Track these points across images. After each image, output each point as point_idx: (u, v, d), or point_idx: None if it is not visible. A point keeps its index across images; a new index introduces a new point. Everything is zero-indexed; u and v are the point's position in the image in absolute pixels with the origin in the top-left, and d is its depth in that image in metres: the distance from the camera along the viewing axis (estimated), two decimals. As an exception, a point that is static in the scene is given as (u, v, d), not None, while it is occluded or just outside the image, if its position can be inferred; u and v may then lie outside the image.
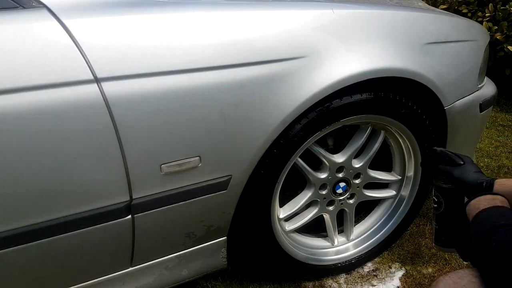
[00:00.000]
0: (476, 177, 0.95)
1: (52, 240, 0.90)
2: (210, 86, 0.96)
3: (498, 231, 0.69)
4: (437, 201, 1.01)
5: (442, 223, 1.02)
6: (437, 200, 1.01)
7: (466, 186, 0.96)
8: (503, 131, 2.72)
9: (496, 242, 0.68)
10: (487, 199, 0.79)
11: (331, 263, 1.45)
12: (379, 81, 1.19)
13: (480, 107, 1.51)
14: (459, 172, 0.98)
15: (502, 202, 0.77)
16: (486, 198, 0.79)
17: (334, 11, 1.12)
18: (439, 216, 1.02)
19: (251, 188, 1.14)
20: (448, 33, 1.34)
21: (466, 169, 0.98)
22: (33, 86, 0.80)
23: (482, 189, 0.91)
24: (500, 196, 0.79)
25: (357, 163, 1.36)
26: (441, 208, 1.01)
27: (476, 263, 0.78)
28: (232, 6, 1.04)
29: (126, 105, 0.88)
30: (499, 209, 0.75)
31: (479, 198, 0.81)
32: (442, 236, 1.02)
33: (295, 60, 1.05)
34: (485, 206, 0.76)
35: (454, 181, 0.99)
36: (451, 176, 0.98)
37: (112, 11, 0.91)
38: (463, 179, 0.96)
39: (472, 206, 0.80)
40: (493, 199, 0.78)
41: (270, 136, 1.07)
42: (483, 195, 0.81)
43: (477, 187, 0.93)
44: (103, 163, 0.90)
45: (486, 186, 0.91)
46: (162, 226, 1.05)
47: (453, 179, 0.97)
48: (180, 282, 1.19)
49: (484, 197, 0.80)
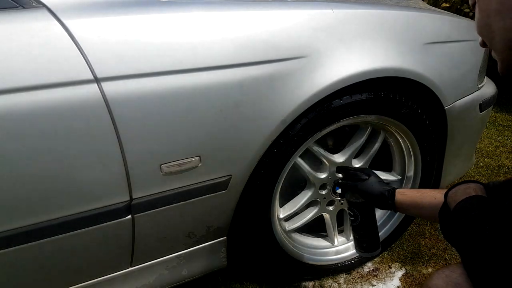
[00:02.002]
0: (378, 189, 1.05)
1: (52, 240, 0.90)
2: (210, 86, 0.96)
3: (469, 222, 0.72)
4: (353, 214, 1.14)
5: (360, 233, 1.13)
6: (353, 214, 1.14)
7: (372, 198, 1.06)
8: (503, 131, 2.72)
9: (468, 233, 0.71)
10: (461, 189, 0.82)
11: (331, 263, 1.45)
12: (379, 81, 1.19)
13: (480, 107, 1.51)
14: (363, 186, 1.08)
15: (475, 190, 0.81)
16: (460, 188, 0.83)
17: (334, 11, 1.12)
18: (357, 228, 1.15)
19: (251, 188, 1.14)
20: (448, 33, 1.34)
21: (369, 183, 1.09)
22: (33, 86, 0.80)
23: (386, 199, 1.01)
24: (473, 184, 0.83)
25: (357, 163, 1.36)
26: (357, 220, 1.14)
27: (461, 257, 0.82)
28: (232, 6, 1.04)
29: (126, 105, 0.88)
30: (472, 199, 0.78)
31: (455, 190, 0.84)
32: (364, 243, 1.13)
33: (295, 60, 1.05)
34: (460, 197, 0.80)
35: (361, 195, 1.08)
36: (357, 190, 1.07)
37: (112, 11, 0.91)
38: (368, 192, 1.07)
39: (450, 199, 0.83)
40: (467, 188, 0.82)
41: (270, 136, 1.07)
42: (457, 185, 0.85)
43: (380, 197, 1.03)
44: (103, 163, 0.90)
45: (388, 196, 1.01)
46: (162, 226, 1.05)
47: (360, 193, 1.07)
48: (180, 282, 1.19)
49: (458, 187, 0.83)
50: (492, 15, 0.59)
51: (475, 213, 0.73)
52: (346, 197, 1.15)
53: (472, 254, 0.70)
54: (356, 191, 1.10)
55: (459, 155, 1.59)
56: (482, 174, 2.17)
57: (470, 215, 0.73)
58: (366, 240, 1.14)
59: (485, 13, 0.61)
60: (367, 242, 1.14)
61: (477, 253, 0.68)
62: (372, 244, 1.15)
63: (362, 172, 1.14)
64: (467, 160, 1.69)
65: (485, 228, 0.68)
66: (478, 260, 0.68)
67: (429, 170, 1.47)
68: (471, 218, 0.73)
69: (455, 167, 1.62)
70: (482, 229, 0.69)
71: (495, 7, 0.58)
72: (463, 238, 0.72)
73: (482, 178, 2.13)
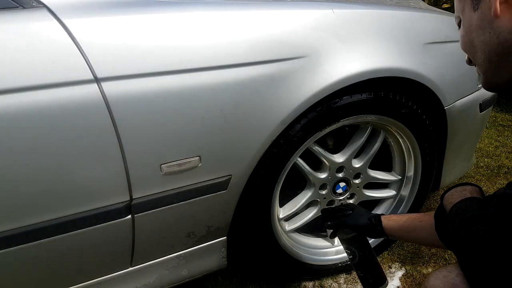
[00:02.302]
0: (364, 218, 1.08)
1: (52, 240, 0.90)
2: (210, 86, 0.96)
3: (465, 225, 0.73)
4: (350, 252, 1.14)
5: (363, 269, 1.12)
6: (350, 252, 1.14)
7: (362, 229, 1.09)
8: (503, 131, 2.72)
9: (464, 235, 0.72)
10: (457, 192, 0.83)
11: (331, 263, 1.45)
12: (379, 81, 1.19)
13: (480, 107, 1.51)
14: (350, 219, 1.10)
15: (471, 192, 0.82)
16: (457, 190, 0.84)
17: (334, 11, 1.12)
18: (358, 265, 1.15)
19: (251, 188, 1.14)
20: (448, 33, 1.34)
21: (355, 214, 1.11)
22: (33, 86, 0.80)
23: (374, 226, 1.04)
24: (469, 186, 0.84)
25: (357, 163, 1.36)
26: (356, 257, 1.15)
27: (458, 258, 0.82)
28: (232, 6, 1.04)
29: (126, 105, 0.88)
30: (467, 201, 0.79)
31: (451, 192, 0.85)
32: (370, 280, 1.13)
33: (295, 60, 1.05)
34: (456, 199, 0.81)
35: (352, 229, 1.12)
36: (345, 225, 1.09)
37: (112, 11, 0.91)
38: (357, 224, 1.09)
39: (447, 201, 0.84)
40: (463, 191, 0.83)
41: (270, 136, 1.07)
42: (453, 188, 0.86)
43: (369, 225, 1.06)
44: (103, 163, 0.90)
45: (376, 222, 1.04)
46: (162, 226, 1.05)
47: (349, 227, 1.09)
48: (180, 282, 1.19)
49: (454, 189, 0.85)
50: (473, 30, 0.66)
51: (471, 215, 0.73)
52: (338, 237, 1.17)
53: (468, 256, 0.70)
54: (345, 226, 1.12)
55: (459, 155, 1.59)
56: (482, 174, 2.17)
57: (466, 217, 0.74)
58: (370, 275, 1.14)
59: (468, 29, 0.67)
60: (372, 278, 1.13)
61: (473, 255, 0.68)
62: (378, 278, 1.14)
63: (346, 207, 1.16)
64: (467, 160, 1.69)
65: (480, 230, 0.68)
66: (474, 261, 0.68)
67: (429, 170, 1.47)
68: (467, 220, 0.73)
69: (455, 167, 1.62)
70: (477, 231, 0.69)
71: (476, 23, 0.65)
72: (459, 240, 0.73)
73: (482, 178, 2.13)
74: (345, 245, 1.15)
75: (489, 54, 0.65)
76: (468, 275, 0.74)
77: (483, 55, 0.66)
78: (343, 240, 1.15)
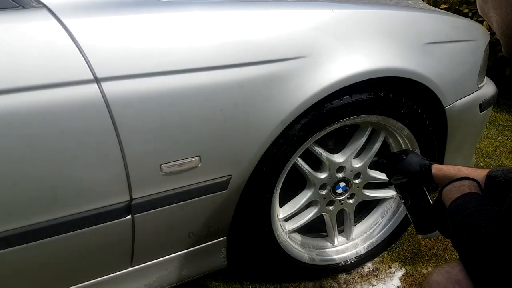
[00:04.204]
0: (415, 166, 1.05)
1: (52, 240, 0.90)
2: (210, 86, 0.96)
3: (466, 221, 0.73)
4: (402, 196, 1.14)
5: (415, 214, 1.11)
6: (402, 196, 1.14)
7: (412, 175, 1.06)
8: (503, 131, 2.72)
9: (466, 232, 0.71)
10: (456, 187, 0.83)
11: (331, 263, 1.45)
12: (379, 81, 1.19)
13: (480, 107, 1.51)
14: (401, 165, 1.08)
15: (469, 187, 0.81)
16: (455, 185, 0.83)
17: (334, 11, 1.12)
18: (410, 209, 1.15)
19: (251, 188, 1.14)
20: (448, 33, 1.34)
21: (408, 160, 1.08)
22: (33, 86, 0.80)
23: (423, 174, 1.01)
24: (467, 180, 0.83)
25: (357, 163, 1.36)
26: (408, 201, 1.12)
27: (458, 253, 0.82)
28: (232, 6, 1.04)
29: (126, 105, 0.88)
30: (466, 197, 0.79)
31: (449, 187, 0.84)
32: (422, 225, 1.12)
33: (295, 60, 1.05)
34: (455, 195, 0.80)
35: (401, 174, 1.09)
36: (397, 170, 1.08)
37: (112, 11, 0.91)
38: (407, 169, 1.07)
39: (445, 196, 0.84)
40: (461, 186, 0.82)
41: (270, 136, 1.07)
42: (451, 183, 0.85)
43: (418, 173, 1.03)
44: (103, 163, 0.90)
45: (425, 171, 1.01)
46: (162, 226, 1.05)
47: (400, 173, 1.07)
48: (180, 282, 1.19)
49: (452, 185, 0.84)
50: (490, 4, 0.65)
51: (471, 212, 0.74)
52: (391, 181, 1.15)
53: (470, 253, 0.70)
54: (397, 171, 1.10)
55: (459, 155, 1.59)
56: (482, 174, 2.17)
57: (466, 214, 0.74)
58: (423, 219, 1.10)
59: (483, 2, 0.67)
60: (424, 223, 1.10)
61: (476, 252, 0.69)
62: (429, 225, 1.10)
63: (401, 152, 1.14)
64: (467, 160, 1.69)
65: (482, 227, 0.69)
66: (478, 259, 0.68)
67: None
68: (467, 217, 0.73)
69: (455, 167, 1.62)
70: (479, 228, 0.69)
71: (492, 4, 0.65)
72: (460, 236, 0.73)
73: (482, 178, 2.13)
74: (398, 189, 1.14)
75: (506, 29, 0.63)
76: (471, 271, 0.74)
77: (500, 30, 0.65)
78: (395, 185, 1.14)
